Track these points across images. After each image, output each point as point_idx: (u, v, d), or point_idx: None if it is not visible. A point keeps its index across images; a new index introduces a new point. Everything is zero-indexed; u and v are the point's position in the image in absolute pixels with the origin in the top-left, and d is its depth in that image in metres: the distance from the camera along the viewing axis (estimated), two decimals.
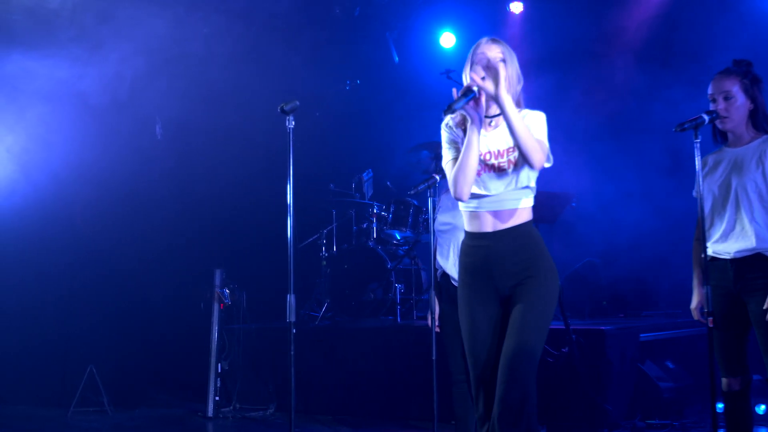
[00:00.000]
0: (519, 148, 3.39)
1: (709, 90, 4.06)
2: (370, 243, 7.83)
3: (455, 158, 3.54)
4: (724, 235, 4.01)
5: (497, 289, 3.53)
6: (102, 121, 7.79)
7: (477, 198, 3.55)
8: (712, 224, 4.06)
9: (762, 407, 5.95)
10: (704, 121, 3.91)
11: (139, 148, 8.05)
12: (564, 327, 5.79)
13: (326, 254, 8.05)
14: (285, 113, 4.26)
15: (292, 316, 4.27)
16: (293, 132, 4.31)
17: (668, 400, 6.20)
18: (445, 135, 3.64)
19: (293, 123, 4.28)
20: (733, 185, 3.99)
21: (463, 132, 3.55)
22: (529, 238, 3.53)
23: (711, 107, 4.03)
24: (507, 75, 3.49)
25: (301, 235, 8.18)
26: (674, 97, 7.24)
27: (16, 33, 7.45)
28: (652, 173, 7.81)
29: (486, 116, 3.55)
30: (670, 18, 8.25)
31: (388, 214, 7.67)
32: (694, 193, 4.00)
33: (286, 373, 4.29)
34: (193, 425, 7.02)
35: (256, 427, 6.80)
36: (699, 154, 3.88)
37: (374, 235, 7.87)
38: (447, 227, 4.94)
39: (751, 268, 3.92)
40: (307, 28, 8.64)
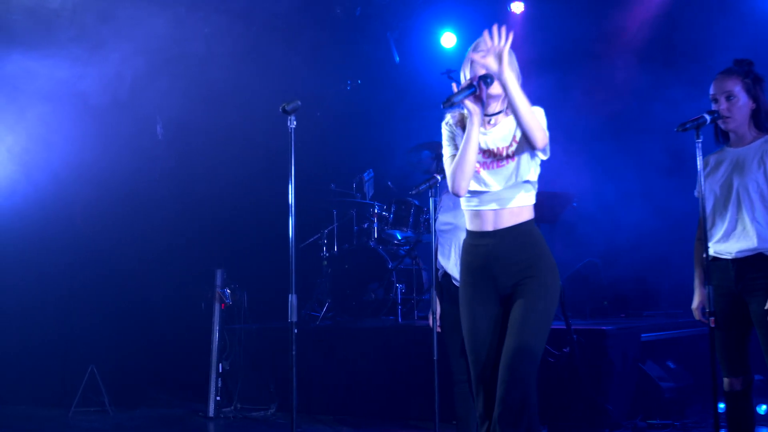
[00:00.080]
0: (522, 126, 3.36)
1: (711, 90, 4.06)
2: (371, 243, 7.83)
3: (454, 155, 3.55)
4: (725, 235, 4.01)
5: (498, 289, 3.52)
6: (102, 121, 7.79)
7: (477, 196, 3.55)
8: (713, 224, 4.05)
9: (763, 407, 5.95)
10: (706, 121, 3.91)
11: (139, 148, 8.05)
12: (565, 327, 5.79)
13: (327, 254, 8.05)
14: (287, 113, 4.26)
15: (294, 316, 4.26)
16: (294, 132, 4.30)
17: (669, 400, 6.20)
18: (445, 133, 3.66)
19: (295, 123, 4.28)
20: (735, 185, 3.99)
21: (463, 130, 3.55)
22: (530, 237, 3.53)
23: (713, 107, 4.03)
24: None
25: (302, 235, 8.17)
26: (675, 97, 7.24)
27: (17, 33, 7.45)
28: (653, 173, 7.80)
29: (486, 114, 3.55)
30: (671, 18, 8.25)
31: (389, 214, 7.67)
32: (696, 193, 4.00)
33: (287, 373, 4.28)
34: (194, 425, 7.02)
35: (257, 427, 6.80)
36: (701, 154, 3.88)
37: (375, 235, 7.87)
38: (448, 227, 4.93)
39: (752, 268, 3.92)
40: (308, 27, 8.64)
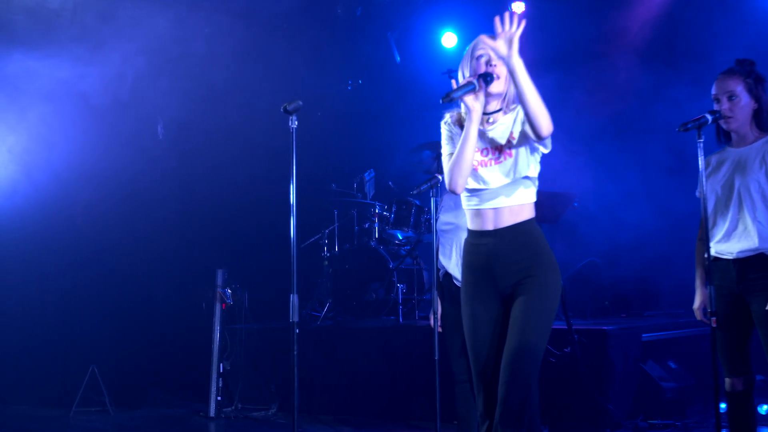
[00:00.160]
0: (528, 113, 3.32)
1: (713, 90, 4.06)
2: (372, 243, 7.82)
3: (453, 153, 3.54)
4: (726, 235, 4.00)
5: (499, 288, 3.52)
6: (103, 121, 7.79)
7: (477, 194, 3.55)
8: (714, 224, 4.05)
9: (765, 407, 5.93)
10: (707, 121, 3.90)
11: (140, 148, 8.04)
12: (566, 327, 5.78)
13: (328, 254, 8.04)
14: (288, 113, 4.26)
15: (295, 316, 4.26)
16: (295, 132, 4.30)
17: (670, 400, 6.19)
18: (444, 131, 3.66)
19: (296, 123, 4.28)
20: (736, 185, 3.98)
21: (461, 129, 3.55)
22: (531, 236, 3.52)
23: (715, 107, 4.03)
24: (508, 72, 3.50)
25: (302, 235, 8.16)
26: (677, 97, 7.23)
27: (18, 33, 7.44)
28: (655, 173, 7.80)
29: (484, 113, 3.55)
30: (672, 17, 8.24)
31: (390, 214, 7.66)
32: (697, 193, 3.99)
33: (288, 373, 4.28)
34: (195, 425, 7.02)
35: (258, 427, 6.79)
36: (702, 154, 3.88)
37: (376, 235, 7.87)
38: (449, 227, 4.93)
39: (753, 268, 3.92)
40: (309, 27, 8.64)
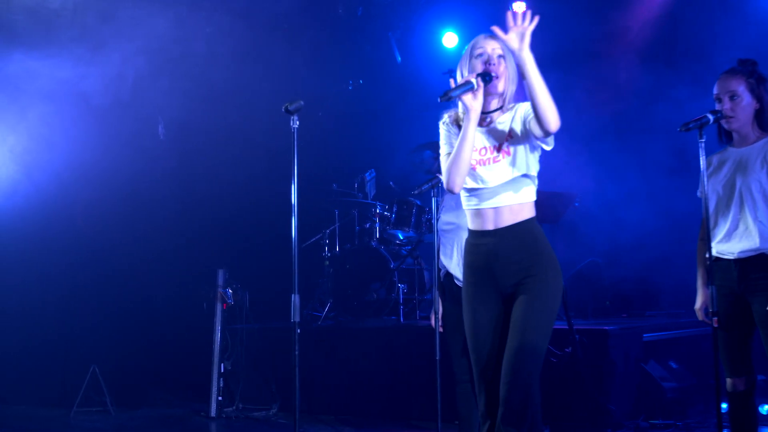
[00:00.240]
0: (537, 107, 3.31)
1: (715, 90, 4.05)
2: (372, 243, 7.82)
3: (450, 153, 3.54)
4: (727, 235, 4.00)
5: (500, 288, 3.52)
6: (104, 121, 7.79)
7: (476, 194, 3.55)
8: (716, 224, 4.04)
9: (766, 407, 5.93)
10: (709, 120, 3.90)
11: (141, 148, 8.04)
12: (567, 327, 5.78)
13: (329, 254, 8.04)
14: (290, 113, 4.26)
15: (297, 316, 4.25)
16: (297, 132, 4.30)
17: (671, 400, 6.19)
18: (442, 131, 3.66)
19: (298, 123, 4.27)
20: (738, 185, 3.98)
21: (459, 128, 3.55)
22: (531, 235, 3.51)
23: (716, 107, 4.02)
24: (506, 71, 3.53)
25: (303, 235, 8.16)
26: (678, 97, 7.23)
27: (18, 33, 7.44)
28: (656, 173, 7.80)
29: (483, 112, 3.54)
30: (673, 17, 8.24)
31: (390, 214, 7.66)
32: (699, 193, 3.99)
33: (289, 373, 4.28)
34: (196, 425, 7.01)
35: (259, 427, 6.79)
36: (704, 153, 3.87)
37: (377, 235, 7.87)
38: (450, 227, 4.93)
39: (754, 268, 3.92)
40: (310, 27, 8.64)
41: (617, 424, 5.86)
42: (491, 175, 3.50)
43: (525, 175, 3.51)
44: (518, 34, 3.32)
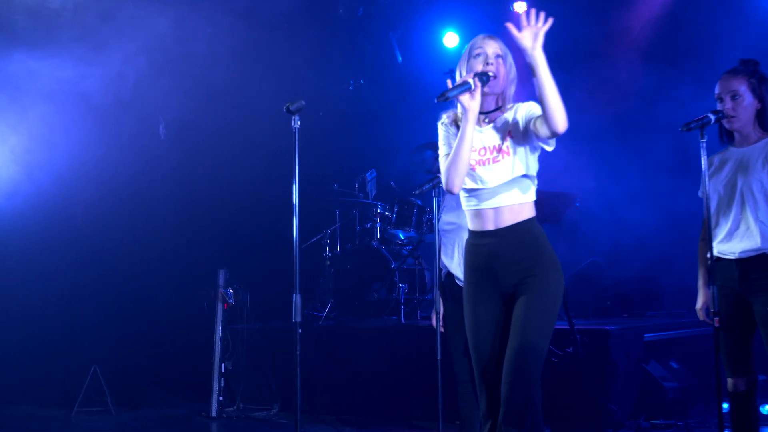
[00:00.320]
0: (546, 107, 3.29)
1: (716, 89, 4.05)
2: (373, 243, 7.82)
3: (449, 154, 3.54)
4: (728, 235, 4.00)
5: (500, 288, 3.52)
6: (105, 121, 7.79)
7: (476, 195, 3.55)
8: (717, 224, 4.04)
9: (767, 407, 5.93)
10: (710, 120, 3.90)
11: (142, 148, 8.04)
12: (568, 327, 5.78)
13: (330, 254, 8.04)
14: (291, 113, 4.26)
15: (298, 316, 4.25)
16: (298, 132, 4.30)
17: (673, 401, 6.18)
18: (441, 132, 3.66)
19: (299, 123, 4.27)
20: (739, 185, 3.98)
21: (458, 129, 3.55)
22: (532, 235, 3.51)
23: (718, 107, 4.02)
24: (506, 71, 3.54)
25: (304, 235, 8.16)
26: (680, 97, 7.22)
27: (19, 33, 7.44)
28: (657, 173, 7.79)
29: (481, 112, 3.54)
30: (675, 17, 8.24)
31: (391, 214, 7.66)
32: (700, 193, 3.99)
33: (290, 373, 4.28)
34: (197, 425, 7.01)
35: (260, 427, 6.79)
36: (705, 153, 3.87)
37: (378, 235, 7.87)
38: (451, 227, 4.92)
39: (756, 268, 3.92)
40: (311, 27, 8.64)
41: (618, 424, 5.86)
42: (491, 176, 3.50)
43: (525, 175, 3.51)
44: (532, 34, 3.33)
